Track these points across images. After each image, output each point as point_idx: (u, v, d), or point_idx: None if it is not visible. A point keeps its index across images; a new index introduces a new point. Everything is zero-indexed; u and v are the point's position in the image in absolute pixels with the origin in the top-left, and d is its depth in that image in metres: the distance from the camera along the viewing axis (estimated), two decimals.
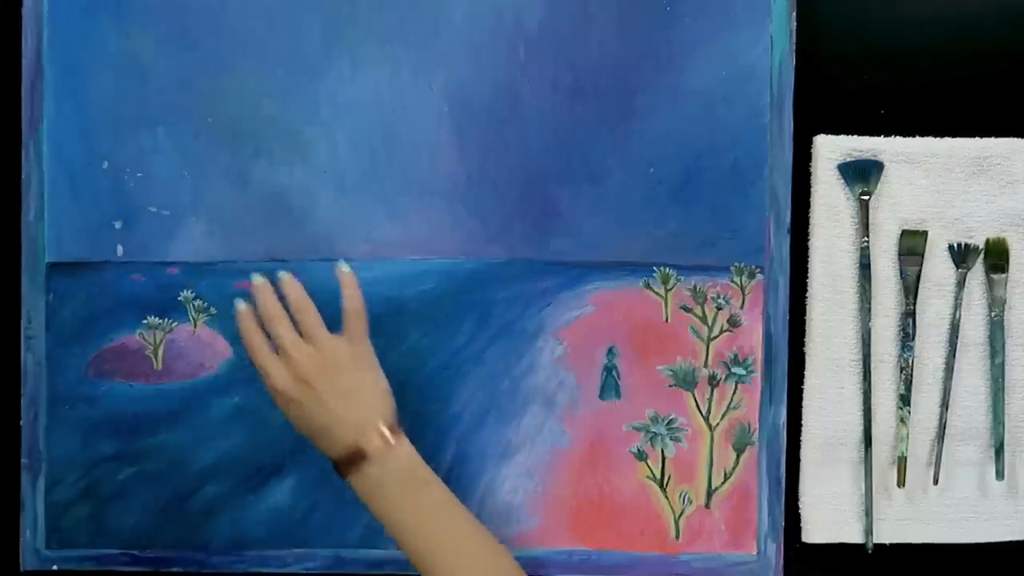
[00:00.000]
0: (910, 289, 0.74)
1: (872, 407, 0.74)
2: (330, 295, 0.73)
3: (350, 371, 0.64)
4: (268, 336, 0.65)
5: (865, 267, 0.74)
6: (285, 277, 0.66)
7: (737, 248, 0.74)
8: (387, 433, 0.63)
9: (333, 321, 0.74)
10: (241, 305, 0.66)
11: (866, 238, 0.74)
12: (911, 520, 0.75)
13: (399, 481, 0.63)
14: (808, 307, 0.75)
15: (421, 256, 0.74)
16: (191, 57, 0.73)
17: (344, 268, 0.67)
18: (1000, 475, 0.74)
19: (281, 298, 0.66)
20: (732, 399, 0.75)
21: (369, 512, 0.63)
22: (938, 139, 0.74)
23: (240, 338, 0.66)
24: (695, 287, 0.74)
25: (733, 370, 0.75)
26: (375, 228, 0.74)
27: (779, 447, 0.75)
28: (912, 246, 0.74)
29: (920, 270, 0.74)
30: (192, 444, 0.74)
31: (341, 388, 0.63)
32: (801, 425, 0.75)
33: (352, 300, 0.67)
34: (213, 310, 0.74)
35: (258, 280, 0.66)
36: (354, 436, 0.62)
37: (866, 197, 0.74)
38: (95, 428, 0.74)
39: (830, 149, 0.74)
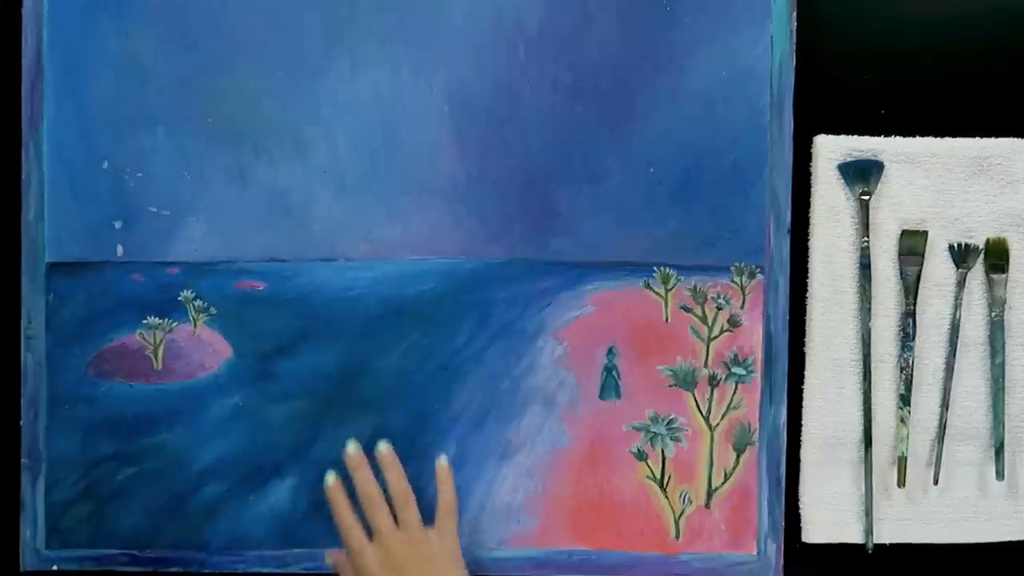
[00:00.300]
0: (910, 289, 0.74)
1: (872, 407, 0.74)
2: (330, 295, 0.74)
3: (438, 564, 0.66)
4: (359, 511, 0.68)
5: (865, 267, 0.74)
6: (385, 452, 0.69)
7: (737, 248, 0.74)
8: None
9: (333, 323, 0.74)
10: (331, 479, 0.69)
11: (866, 238, 0.74)
12: (911, 520, 0.75)
13: None
14: (808, 307, 0.75)
15: (421, 256, 0.74)
16: (191, 57, 0.73)
17: (444, 463, 0.70)
18: (1000, 475, 0.74)
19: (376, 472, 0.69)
20: (732, 399, 0.75)
21: None
22: (938, 139, 0.74)
23: (332, 513, 0.68)
24: (695, 287, 0.74)
25: (733, 370, 0.75)
26: (375, 228, 0.74)
27: (779, 447, 0.75)
28: (912, 246, 0.74)
29: (920, 270, 0.74)
30: (192, 444, 0.74)
31: None
32: (801, 425, 0.75)
33: (447, 495, 0.69)
34: (213, 310, 0.74)
35: (353, 451, 0.69)
36: None
37: (866, 197, 0.74)
38: (95, 428, 0.74)
39: (830, 149, 0.74)
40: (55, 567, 0.74)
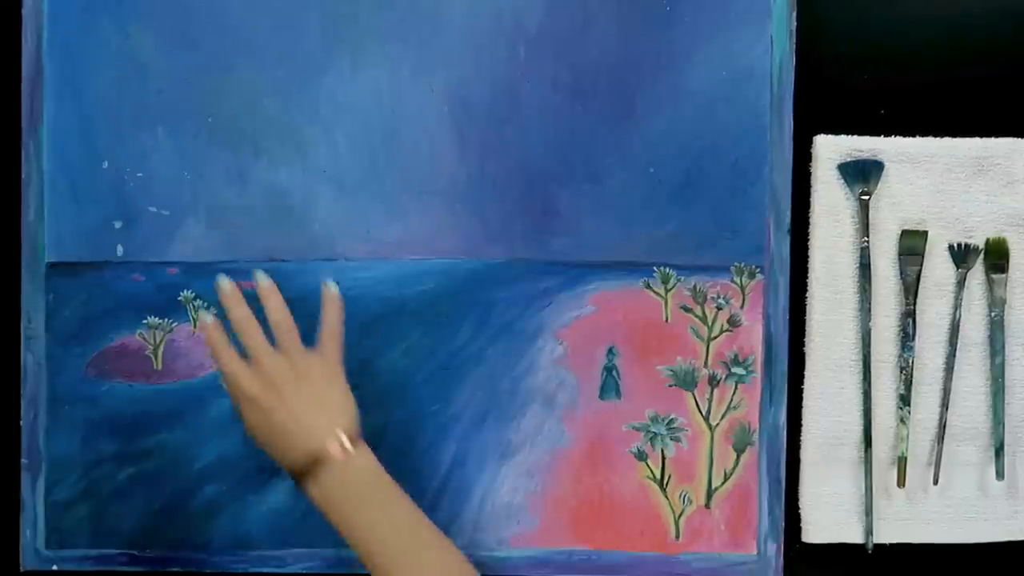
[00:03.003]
0: (910, 289, 0.74)
1: (872, 407, 0.74)
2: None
3: (318, 383, 0.64)
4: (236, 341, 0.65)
5: (865, 267, 0.74)
6: (262, 280, 0.66)
7: (737, 248, 0.74)
8: (346, 442, 0.62)
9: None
10: (208, 318, 0.65)
11: (866, 238, 0.74)
12: (911, 520, 0.75)
13: (357, 489, 0.62)
14: (808, 307, 0.75)
15: (421, 256, 0.74)
16: (191, 57, 0.73)
17: (331, 289, 0.67)
18: (1000, 475, 0.74)
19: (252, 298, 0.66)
20: (732, 399, 0.75)
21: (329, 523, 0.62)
22: (938, 139, 0.74)
23: (208, 345, 0.65)
24: (695, 287, 0.74)
25: (733, 370, 0.75)
26: (375, 228, 0.74)
27: (779, 447, 0.75)
28: (912, 246, 0.74)
29: (920, 270, 0.74)
30: (192, 444, 0.74)
31: (306, 397, 0.63)
32: (801, 425, 0.75)
33: (332, 320, 0.66)
34: (213, 310, 0.74)
35: (226, 286, 0.65)
36: (314, 444, 0.62)
37: (866, 197, 0.74)
38: (95, 428, 0.74)
39: (830, 149, 0.74)
40: (55, 567, 0.74)
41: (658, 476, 0.75)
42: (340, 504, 0.62)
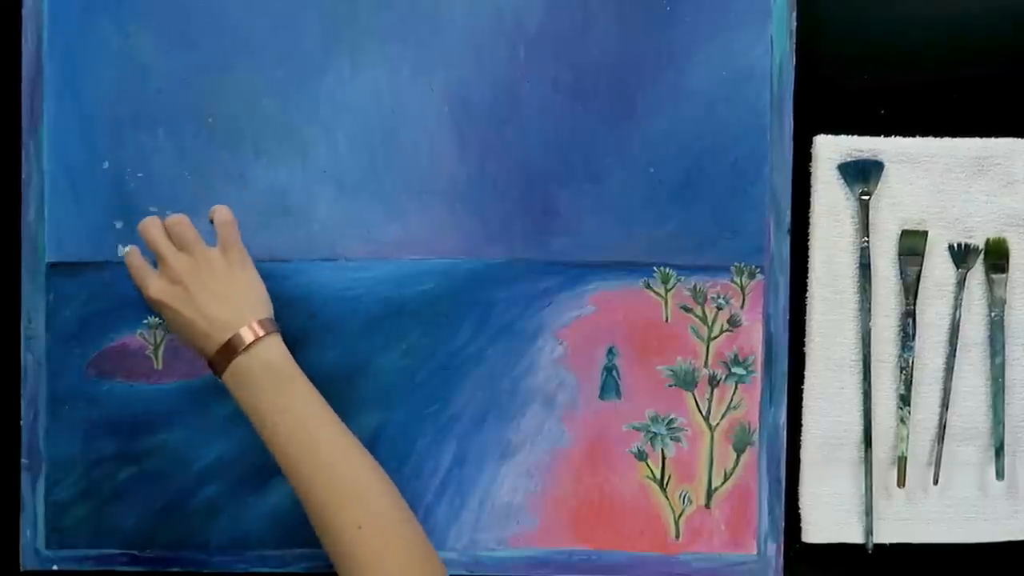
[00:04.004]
0: (910, 289, 0.74)
1: (872, 407, 0.74)
2: (330, 295, 0.74)
3: (224, 274, 0.66)
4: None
5: (865, 267, 0.74)
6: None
7: (737, 248, 0.74)
8: (258, 329, 0.64)
9: (333, 323, 0.74)
10: (128, 247, 0.70)
11: (866, 238, 0.74)
12: (911, 520, 0.75)
13: (267, 374, 0.64)
14: (808, 307, 0.75)
15: (421, 256, 0.74)
16: (191, 57, 0.73)
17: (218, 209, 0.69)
18: (1000, 475, 0.74)
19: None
20: (732, 399, 0.75)
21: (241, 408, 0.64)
22: (938, 139, 0.74)
23: (129, 269, 0.68)
24: (695, 287, 0.74)
25: (733, 370, 0.75)
26: (375, 228, 0.74)
27: (779, 447, 0.75)
28: (912, 246, 0.74)
29: (920, 270, 0.74)
30: (192, 444, 0.74)
31: (214, 290, 0.65)
32: (801, 425, 0.75)
33: (220, 212, 0.68)
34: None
35: (144, 221, 0.68)
36: (226, 332, 0.64)
37: (866, 197, 0.74)
38: (95, 428, 0.74)
39: (830, 149, 0.74)
40: (55, 567, 0.74)
41: (658, 476, 0.75)
42: (248, 391, 0.64)
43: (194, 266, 0.66)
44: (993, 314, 0.74)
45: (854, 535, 0.75)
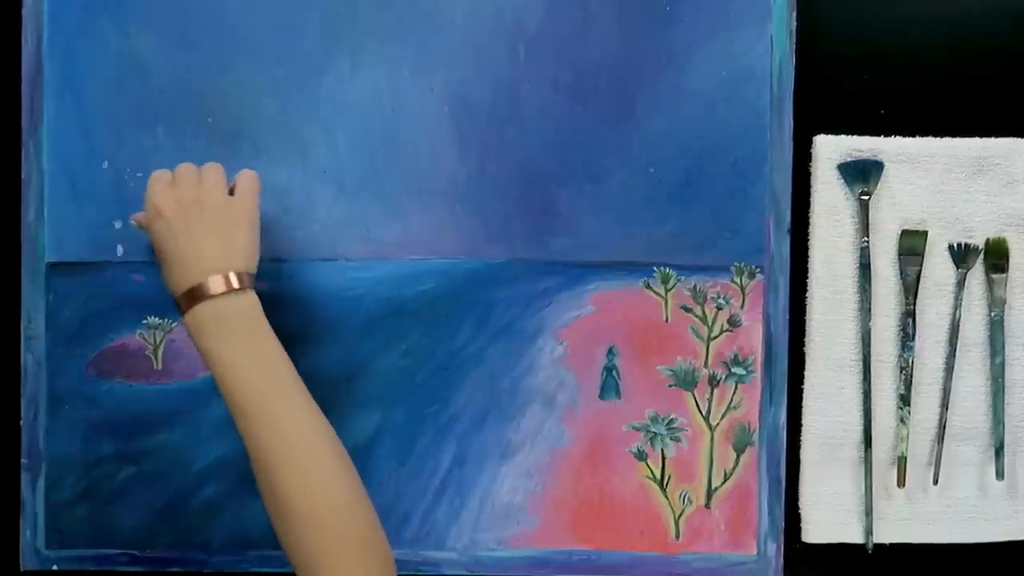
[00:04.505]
0: (910, 289, 0.74)
1: (872, 407, 0.74)
2: (330, 295, 0.74)
3: (225, 216, 0.65)
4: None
5: (865, 267, 0.74)
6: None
7: (737, 248, 0.74)
8: (234, 280, 0.63)
9: (333, 323, 0.74)
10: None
11: (866, 238, 0.74)
12: (911, 520, 0.75)
13: (229, 326, 0.62)
14: (808, 307, 0.75)
15: (421, 256, 0.74)
16: (191, 57, 0.73)
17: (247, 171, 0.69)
18: (1000, 475, 0.74)
19: None
20: (732, 399, 0.75)
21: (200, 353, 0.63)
22: (938, 139, 0.74)
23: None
24: (695, 287, 0.74)
25: (733, 370, 0.75)
26: (375, 228, 0.74)
27: (779, 447, 0.75)
28: (912, 246, 0.74)
29: (920, 270, 0.74)
30: (192, 444, 0.74)
31: (210, 229, 0.64)
32: (801, 425, 0.75)
33: (247, 172, 0.68)
34: None
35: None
36: (203, 274, 0.63)
37: (866, 197, 0.74)
38: (95, 428, 0.74)
39: (830, 149, 0.74)
40: (55, 567, 0.74)
41: (658, 476, 0.75)
42: (209, 337, 0.62)
43: (203, 202, 0.64)
44: (993, 314, 0.74)
45: (854, 535, 0.75)
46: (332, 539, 0.59)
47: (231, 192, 0.66)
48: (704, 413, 0.75)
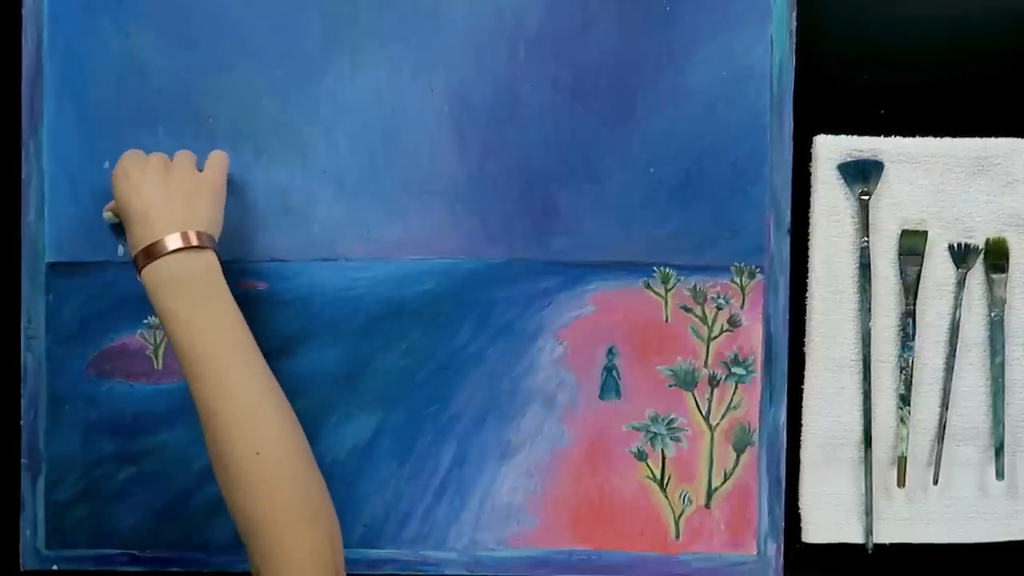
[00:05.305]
0: (910, 289, 0.74)
1: (872, 407, 0.74)
2: (331, 295, 0.74)
3: (191, 182, 0.66)
4: None
5: (865, 267, 0.74)
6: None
7: (737, 248, 0.74)
8: (193, 238, 0.64)
9: (333, 323, 0.74)
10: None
11: (866, 238, 0.74)
12: (911, 520, 0.75)
13: (184, 284, 0.63)
14: (808, 307, 0.75)
15: (421, 256, 0.74)
16: (191, 57, 0.73)
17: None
18: (1000, 475, 0.74)
19: None
20: (732, 399, 0.75)
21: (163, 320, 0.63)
22: (938, 139, 0.74)
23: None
24: (695, 287, 0.74)
25: (733, 370, 0.75)
26: (375, 228, 0.74)
27: (779, 447, 0.75)
28: (912, 246, 0.74)
29: (920, 270, 0.74)
30: (192, 444, 0.74)
31: (174, 187, 0.66)
32: (801, 425, 0.75)
33: (215, 151, 0.71)
34: None
35: None
36: (162, 231, 0.63)
37: (866, 197, 0.74)
38: (95, 428, 0.74)
39: (830, 149, 0.74)
40: (55, 567, 0.74)
41: (658, 476, 0.75)
42: (165, 295, 0.63)
43: (169, 166, 0.67)
44: (993, 314, 0.74)
45: (854, 535, 0.75)
46: (277, 503, 0.60)
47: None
48: (704, 413, 0.75)
